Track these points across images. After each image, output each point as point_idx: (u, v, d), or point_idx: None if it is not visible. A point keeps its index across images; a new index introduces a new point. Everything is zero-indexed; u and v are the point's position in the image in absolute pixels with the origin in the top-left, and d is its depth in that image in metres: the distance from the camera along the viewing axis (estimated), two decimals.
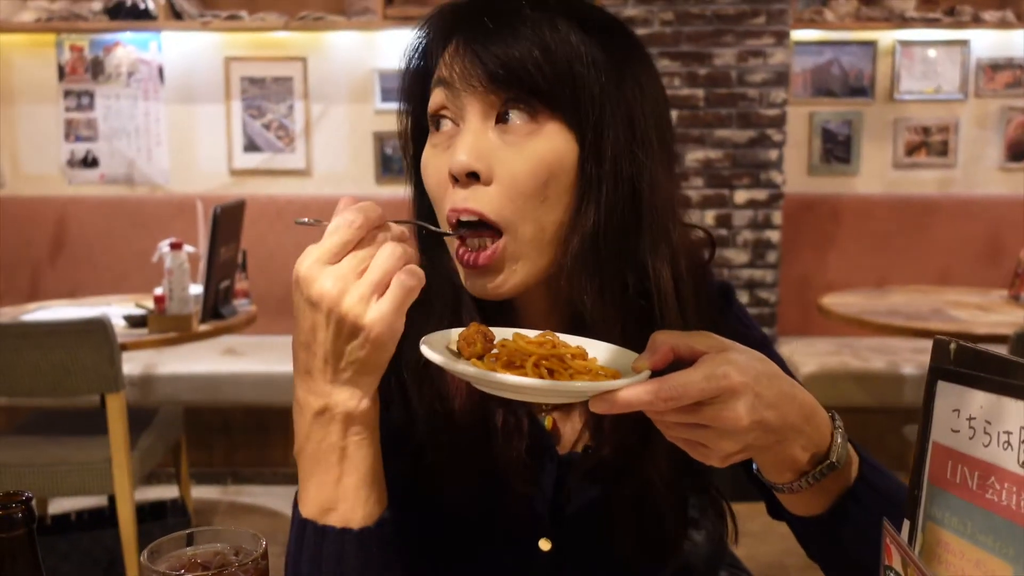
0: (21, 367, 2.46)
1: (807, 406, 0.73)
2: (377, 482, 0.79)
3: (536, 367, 0.70)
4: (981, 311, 3.05)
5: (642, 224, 0.85)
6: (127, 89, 4.25)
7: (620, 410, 0.65)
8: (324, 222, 0.75)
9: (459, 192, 0.81)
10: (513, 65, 0.79)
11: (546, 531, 0.91)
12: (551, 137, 0.81)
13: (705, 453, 0.70)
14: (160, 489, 3.76)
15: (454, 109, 0.82)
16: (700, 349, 0.68)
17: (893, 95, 4.25)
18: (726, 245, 3.83)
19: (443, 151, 0.83)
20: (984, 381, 0.61)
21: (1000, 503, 0.58)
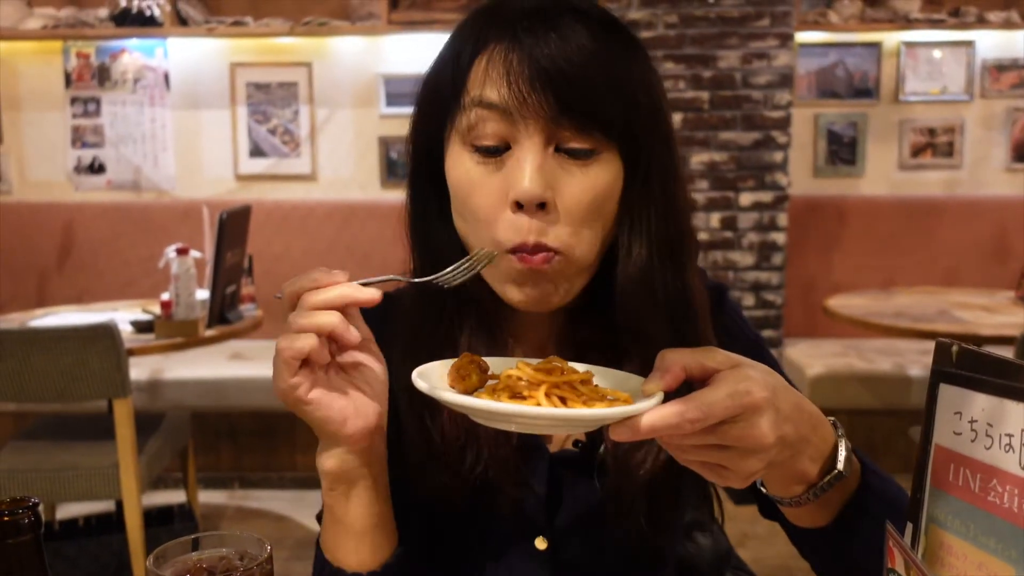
0: (29, 373, 2.47)
1: (813, 415, 0.72)
2: (370, 531, 0.81)
3: (548, 396, 0.66)
4: (987, 312, 3.04)
5: (683, 238, 0.86)
6: (133, 95, 4.27)
7: (644, 436, 0.63)
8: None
9: (523, 222, 0.78)
10: (588, 97, 0.77)
11: (541, 530, 0.91)
12: (608, 164, 0.81)
13: (725, 475, 0.67)
14: (167, 494, 3.77)
15: (505, 132, 0.79)
16: (711, 366, 0.66)
17: (898, 96, 4.25)
18: (731, 247, 3.83)
19: (494, 171, 0.80)
20: (985, 384, 0.61)
21: (1002, 505, 0.58)
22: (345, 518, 0.81)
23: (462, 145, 0.82)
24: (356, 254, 4.10)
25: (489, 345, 0.89)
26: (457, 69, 0.81)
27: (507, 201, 0.79)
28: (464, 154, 0.81)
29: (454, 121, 0.82)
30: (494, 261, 0.78)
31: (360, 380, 0.77)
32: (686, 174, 0.89)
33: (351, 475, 0.78)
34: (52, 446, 2.73)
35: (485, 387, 0.71)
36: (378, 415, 0.77)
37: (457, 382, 0.71)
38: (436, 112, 0.85)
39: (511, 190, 0.78)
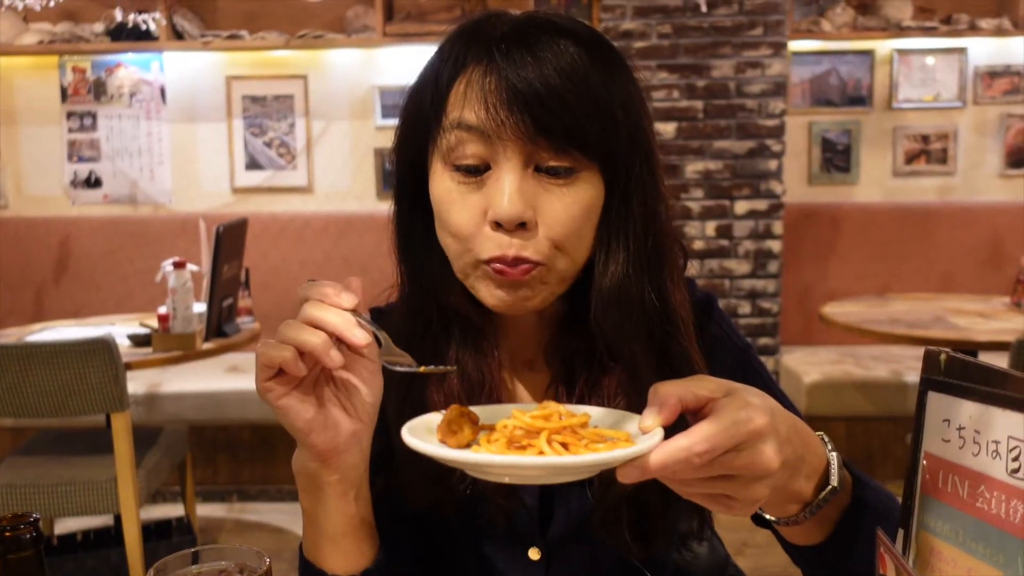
0: (26, 388, 2.47)
1: (804, 433, 0.72)
2: (343, 536, 0.81)
3: (549, 443, 0.65)
4: (982, 318, 3.05)
5: (662, 254, 0.86)
6: (129, 109, 4.28)
7: (654, 475, 0.62)
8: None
9: (503, 238, 0.79)
10: (566, 119, 0.78)
11: (534, 540, 0.92)
12: (587, 182, 0.82)
13: (730, 504, 0.66)
14: (166, 508, 3.77)
15: (485, 154, 0.80)
16: (705, 395, 0.65)
17: (892, 104, 4.27)
18: (727, 256, 3.84)
19: (474, 190, 0.81)
20: (972, 391, 0.62)
21: (990, 511, 0.59)
22: (317, 521, 0.81)
23: (443, 165, 0.83)
24: (353, 265, 4.11)
25: (477, 358, 0.89)
26: (437, 91, 0.83)
27: (486, 219, 0.80)
28: (445, 173, 0.83)
29: (435, 142, 0.83)
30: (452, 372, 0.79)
31: (344, 396, 0.78)
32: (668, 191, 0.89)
33: (317, 481, 0.79)
34: (50, 461, 2.73)
35: (480, 438, 0.69)
36: (352, 433, 0.77)
37: (448, 437, 0.69)
38: (418, 132, 0.86)
39: (490, 210, 0.80)
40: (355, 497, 0.81)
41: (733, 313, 3.86)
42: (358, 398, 0.78)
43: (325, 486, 0.79)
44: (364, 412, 0.78)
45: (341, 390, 0.78)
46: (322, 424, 0.76)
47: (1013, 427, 0.58)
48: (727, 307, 3.86)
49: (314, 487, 0.79)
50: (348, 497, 0.80)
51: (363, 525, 0.83)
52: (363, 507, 0.82)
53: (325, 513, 0.80)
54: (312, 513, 0.81)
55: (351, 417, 0.77)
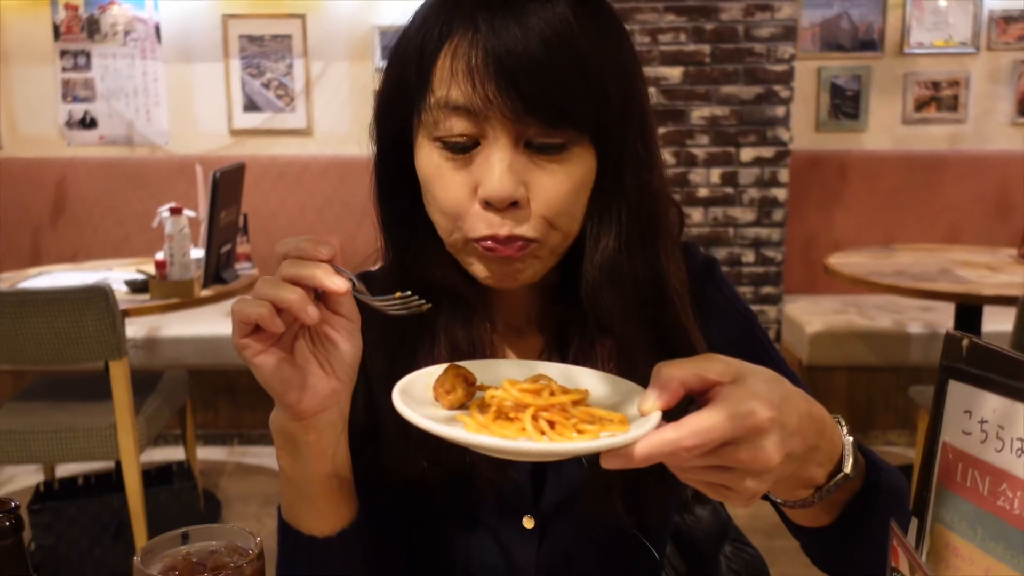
0: (23, 335, 2.45)
1: (819, 419, 0.69)
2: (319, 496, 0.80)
3: (534, 419, 0.63)
4: (989, 271, 3.01)
5: (656, 226, 0.84)
6: (124, 48, 4.19)
7: (638, 465, 0.59)
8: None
9: (494, 218, 0.77)
10: (555, 95, 0.74)
11: (528, 509, 0.91)
12: (580, 156, 0.79)
13: (727, 495, 0.64)
14: (167, 451, 3.79)
15: (473, 130, 0.77)
16: (711, 378, 0.62)
17: (903, 49, 4.17)
18: (732, 204, 3.79)
19: (463, 166, 0.78)
20: (997, 384, 0.59)
21: (1012, 511, 0.57)
22: (293, 480, 0.80)
23: (430, 141, 0.80)
24: (353, 210, 4.06)
25: (467, 328, 0.87)
26: (421, 64, 0.79)
27: (476, 197, 0.78)
28: (433, 149, 0.79)
29: (420, 115, 0.80)
30: (426, 308, 0.74)
31: (322, 354, 0.75)
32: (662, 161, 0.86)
33: (294, 440, 0.77)
34: (49, 407, 2.73)
35: (472, 402, 0.68)
36: (330, 392, 0.75)
37: (442, 396, 0.68)
38: (402, 101, 0.82)
39: (480, 188, 0.77)
40: (332, 456, 0.79)
41: (736, 262, 3.83)
42: (336, 356, 0.75)
43: (302, 445, 0.77)
44: (343, 371, 0.76)
45: (319, 348, 0.75)
46: (299, 383, 0.74)
47: None
48: (730, 256, 3.82)
49: (291, 446, 0.78)
50: (325, 456, 0.78)
51: (341, 486, 0.81)
52: (341, 467, 0.81)
53: (302, 473, 0.79)
54: (289, 472, 0.80)
55: (329, 376, 0.75)
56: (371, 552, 0.85)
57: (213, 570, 0.69)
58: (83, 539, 2.64)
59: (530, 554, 0.91)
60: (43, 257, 4.14)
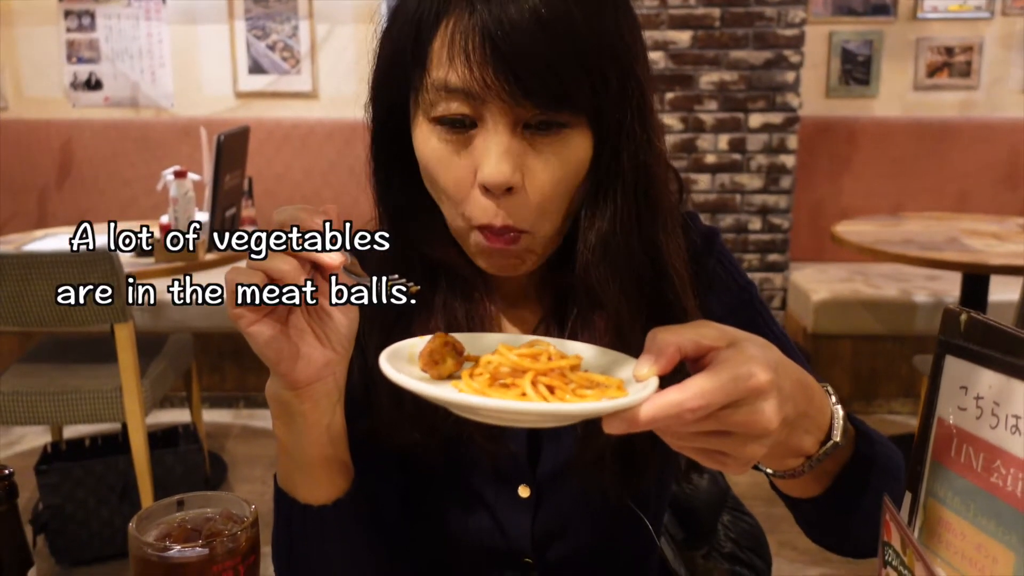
0: (28, 298, 2.46)
1: (809, 386, 0.68)
2: (314, 465, 0.80)
3: (534, 385, 0.61)
4: (997, 240, 2.99)
5: (653, 205, 0.83)
6: (128, 9, 4.16)
7: (642, 428, 0.58)
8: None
9: (491, 205, 0.77)
10: (552, 79, 0.73)
11: (524, 478, 0.91)
12: (576, 138, 0.78)
13: (723, 461, 0.63)
14: (174, 413, 3.82)
15: (471, 112, 0.76)
16: (707, 344, 0.61)
17: (916, 13, 4.11)
18: (739, 170, 3.76)
19: (460, 149, 0.78)
20: (994, 360, 0.58)
21: (1005, 488, 0.56)
22: (289, 449, 0.80)
23: (428, 122, 0.79)
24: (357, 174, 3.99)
25: (465, 300, 0.87)
26: (418, 41, 0.77)
27: (474, 181, 0.77)
28: (431, 132, 0.79)
29: (417, 93, 0.79)
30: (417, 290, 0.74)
31: (318, 326, 0.75)
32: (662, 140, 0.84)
33: (290, 410, 0.76)
34: (56, 369, 2.75)
35: (462, 371, 0.66)
36: (325, 363, 0.75)
37: (430, 367, 0.66)
38: (398, 80, 0.81)
39: (478, 173, 0.76)
40: (328, 427, 0.79)
41: (743, 229, 3.81)
42: (332, 327, 0.75)
43: (297, 415, 0.77)
44: (338, 342, 0.75)
45: (315, 319, 0.74)
46: (294, 353, 0.73)
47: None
48: (737, 223, 3.80)
49: (287, 416, 0.77)
50: (321, 426, 0.78)
51: (336, 456, 0.81)
52: (336, 438, 0.80)
53: (297, 442, 0.78)
54: (285, 442, 0.79)
55: (324, 347, 0.75)
56: (366, 522, 0.85)
57: (208, 537, 0.69)
58: (90, 499, 2.67)
59: (526, 523, 0.92)
60: (49, 219, 4.14)
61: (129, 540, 0.68)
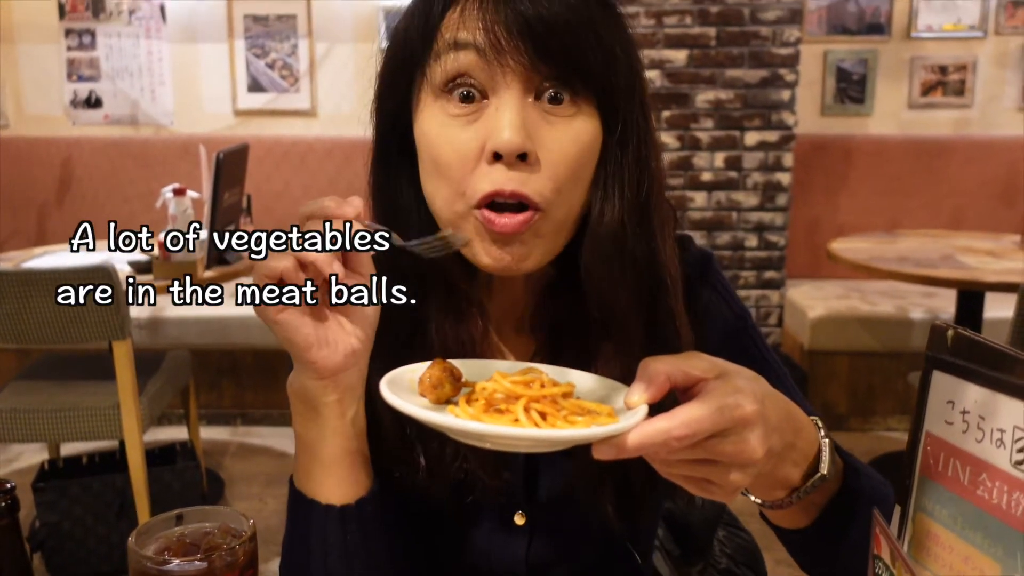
0: (27, 315, 2.47)
1: (797, 418, 0.70)
2: (337, 462, 0.79)
3: (527, 411, 0.63)
4: (992, 257, 3.01)
5: (652, 208, 0.82)
6: (129, 27, 4.19)
7: (630, 455, 0.60)
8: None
9: (500, 172, 0.74)
10: (568, 43, 0.74)
11: (520, 505, 0.90)
12: (588, 118, 0.77)
13: (710, 489, 0.64)
14: (171, 430, 3.82)
15: (483, 78, 0.75)
16: (696, 375, 0.63)
17: (910, 32, 4.15)
18: (736, 188, 3.78)
19: (468, 123, 0.76)
20: (979, 375, 0.59)
21: (991, 501, 0.57)
22: (312, 446, 0.78)
23: (435, 97, 0.78)
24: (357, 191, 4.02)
25: (458, 324, 0.85)
26: (428, 20, 0.77)
27: (483, 155, 0.75)
28: (437, 105, 0.78)
29: (425, 74, 0.78)
30: (466, 244, 0.75)
31: (344, 310, 0.75)
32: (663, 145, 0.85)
33: (314, 402, 0.76)
34: (54, 386, 2.75)
35: (460, 396, 0.67)
36: (352, 351, 0.75)
37: (428, 392, 0.67)
38: (405, 67, 0.80)
39: (489, 141, 0.74)
40: (352, 420, 0.78)
41: (739, 246, 3.82)
42: (357, 315, 0.75)
43: (323, 407, 0.76)
44: (363, 329, 0.75)
45: (339, 306, 0.74)
46: (322, 340, 0.73)
47: (1019, 417, 0.56)
48: (733, 240, 3.82)
49: (311, 410, 0.77)
50: (346, 419, 0.78)
51: (359, 451, 0.80)
52: (360, 431, 0.80)
53: (321, 436, 0.78)
54: (307, 438, 0.78)
55: (349, 335, 0.75)
56: (390, 521, 0.83)
57: (207, 551, 0.70)
58: (87, 517, 2.67)
59: (521, 550, 0.91)
60: (48, 235, 4.16)
61: (128, 554, 0.69)
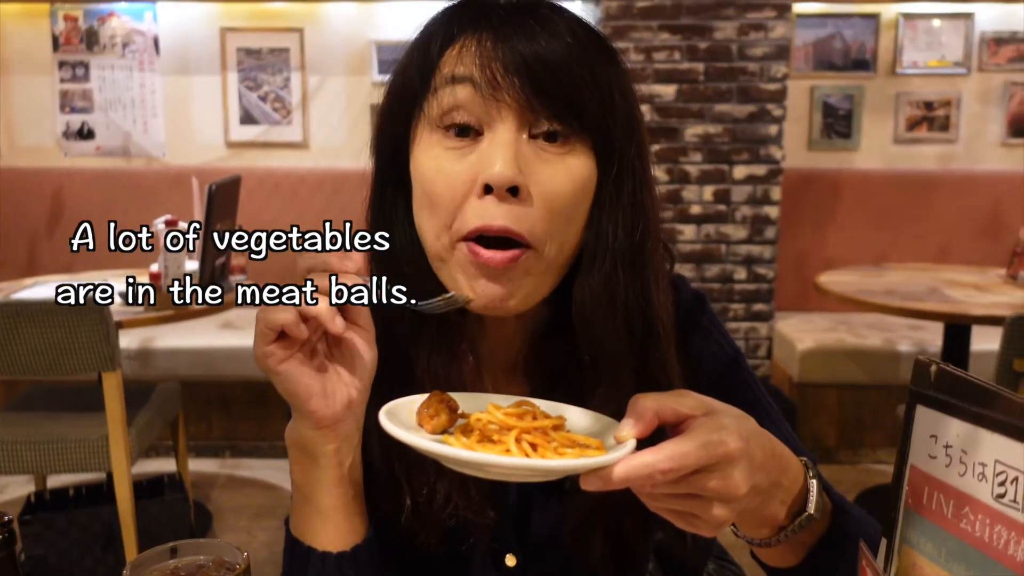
0: (17, 346, 2.46)
1: (783, 457, 0.71)
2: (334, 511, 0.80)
3: (518, 442, 0.64)
4: (978, 291, 3.04)
5: (647, 254, 0.83)
6: (122, 60, 4.22)
7: (616, 487, 0.61)
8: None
9: (491, 206, 0.74)
10: (564, 81, 0.74)
11: (511, 547, 0.91)
12: (583, 157, 0.78)
13: (695, 523, 0.66)
14: (159, 462, 3.79)
15: (479, 113, 0.76)
16: (685, 412, 0.65)
17: (895, 69, 4.21)
18: (724, 221, 3.82)
19: (462, 156, 0.76)
20: (961, 410, 0.61)
21: (974, 534, 0.59)
22: (310, 495, 0.79)
23: (431, 131, 0.78)
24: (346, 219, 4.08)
25: (449, 362, 0.85)
26: (428, 56, 0.79)
27: (474, 188, 0.75)
28: (433, 139, 0.78)
29: (423, 109, 0.79)
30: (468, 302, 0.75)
31: (343, 361, 0.76)
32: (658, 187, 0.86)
33: (313, 451, 0.77)
34: (42, 417, 2.74)
35: (455, 427, 0.69)
36: (349, 400, 0.76)
37: (425, 421, 0.70)
38: (405, 104, 0.81)
39: (480, 173, 0.75)
40: (349, 468, 0.79)
41: (728, 279, 3.85)
42: (355, 365, 0.76)
43: (321, 456, 0.77)
44: (360, 379, 0.77)
45: (338, 357, 0.76)
46: (321, 390, 0.74)
47: (1000, 451, 0.57)
48: (722, 272, 3.84)
49: (309, 459, 0.78)
50: (344, 467, 0.78)
51: (356, 499, 0.81)
52: (356, 480, 0.81)
53: (320, 485, 0.78)
54: (305, 487, 0.79)
55: (348, 385, 0.76)
56: (382, 567, 0.84)
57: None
58: (73, 550, 2.65)
59: None
60: (39, 267, 4.15)
61: None
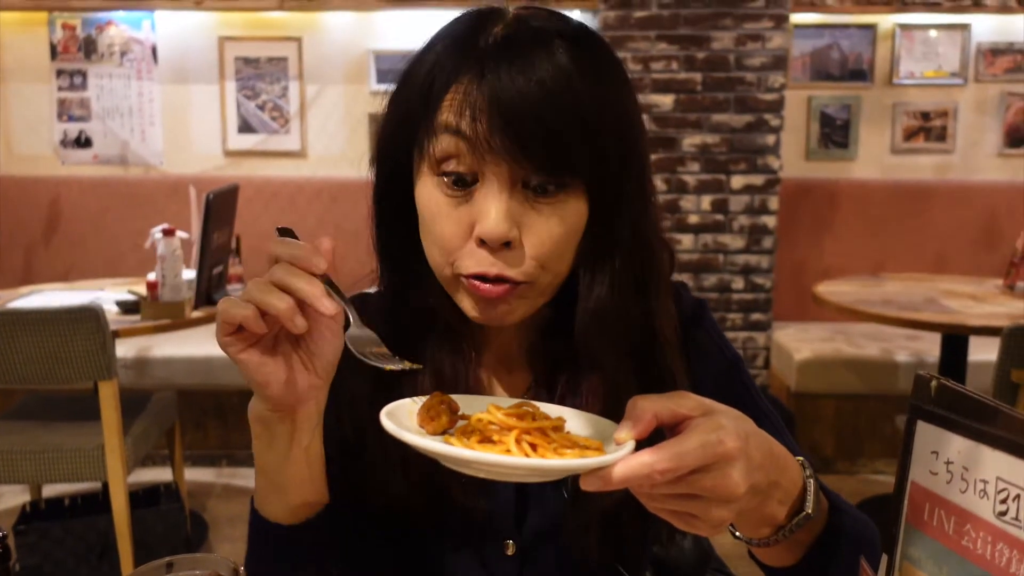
0: (13, 355, 2.45)
1: (781, 457, 0.72)
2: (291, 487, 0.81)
3: (518, 442, 0.66)
4: (975, 301, 3.04)
5: (648, 272, 0.86)
6: (120, 69, 4.22)
7: (615, 487, 0.62)
8: None
9: (486, 256, 0.79)
10: (553, 142, 0.77)
11: (510, 535, 0.92)
12: (576, 201, 0.81)
13: (694, 523, 0.66)
14: (155, 471, 3.78)
15: (471, 163, 0.79)
16: (683, 413, 0.65)
17: (892, 79, 4.22)
18: (722, 230, 3.82)
19: (461, 202, 0.80)
20: (962, 426, 0.60)
21: (975, 551, 0.58)
22: (267, 470, 0.81)
23: (430, 172, 0.82)
24: (345, 232, 4.08)
25: (454, 359, 0.89)
26: (432, 91, 0.80)
27: (470, 234, 0.80)
28: (432, 181, 0.82)
29: (422, 145, 0.82)
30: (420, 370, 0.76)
31: (305, 352, 0.76)
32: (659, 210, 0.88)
33: (271, 429, 0.78)
34: (37, 427, 2.73)
35: (455, 428, 0.70)
36: (309, 387, 0.77)
37: (426, 422, 0.71)
38: (405, 133, 0.84)
39: (477, 227, 0.79)
40: (306, 448, 0.81)
41: (726, 288, 3.85)
42: (318, 355, 0.77)
43: (278, 435, 0.79)
44: (323, 369, 0.77)
45: (301, 347, 0.76)
46: (281, 379, 0.75)
47: (1002, 468, 0.57)
48: (720, 282, 3.84)
49: (268, 435, 0.79)
50: (300, 447, 0.80)
51: (312, 477, 0.83)
52: (313, 459, 0.82)
53: (276, 461, 0.80)
54: (263, 461, 0.81)
55: (309, 372, 0.77)
56: (338, 542, 0.86)
57: None
58: (68, 560, 2.63)
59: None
60: (35, 275, 4.14)
61: None
